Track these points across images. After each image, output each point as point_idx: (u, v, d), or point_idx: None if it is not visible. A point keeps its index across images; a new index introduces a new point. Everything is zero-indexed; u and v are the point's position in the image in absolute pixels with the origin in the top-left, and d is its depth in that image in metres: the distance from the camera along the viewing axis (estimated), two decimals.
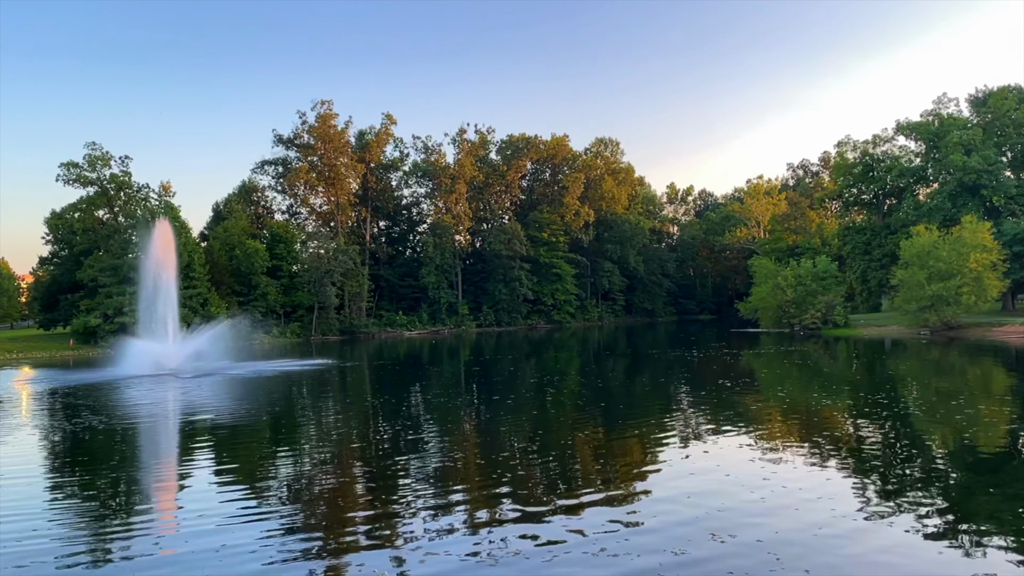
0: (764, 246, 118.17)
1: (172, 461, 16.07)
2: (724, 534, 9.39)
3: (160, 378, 35.27)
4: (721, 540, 9.18)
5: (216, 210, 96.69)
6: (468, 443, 17.18)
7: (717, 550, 8.83)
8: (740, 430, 17.34)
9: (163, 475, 14.68)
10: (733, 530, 9.54)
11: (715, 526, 9.75)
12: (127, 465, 15.67)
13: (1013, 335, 50.80)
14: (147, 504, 12.48)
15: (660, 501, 11.17)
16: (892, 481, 12.20)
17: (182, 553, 9.39)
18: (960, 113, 73.69)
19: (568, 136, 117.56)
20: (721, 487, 11.89)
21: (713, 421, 18.97)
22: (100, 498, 12.68)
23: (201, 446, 17.86)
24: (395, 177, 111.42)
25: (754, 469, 13.12)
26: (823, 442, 15.61)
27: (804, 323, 64.25)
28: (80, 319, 68.52)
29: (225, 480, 13.90)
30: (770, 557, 8.55)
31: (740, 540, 9.13)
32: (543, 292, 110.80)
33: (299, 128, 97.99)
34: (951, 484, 11.98)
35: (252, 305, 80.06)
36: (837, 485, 11.97)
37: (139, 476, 14.52)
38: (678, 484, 12.23)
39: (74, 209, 74.85)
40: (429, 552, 9.17)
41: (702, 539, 9.25)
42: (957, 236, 54.84)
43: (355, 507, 11.70)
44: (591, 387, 29.23)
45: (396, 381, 34.43)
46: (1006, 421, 17.72)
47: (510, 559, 8.78)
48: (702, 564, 8.42)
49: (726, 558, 8.54)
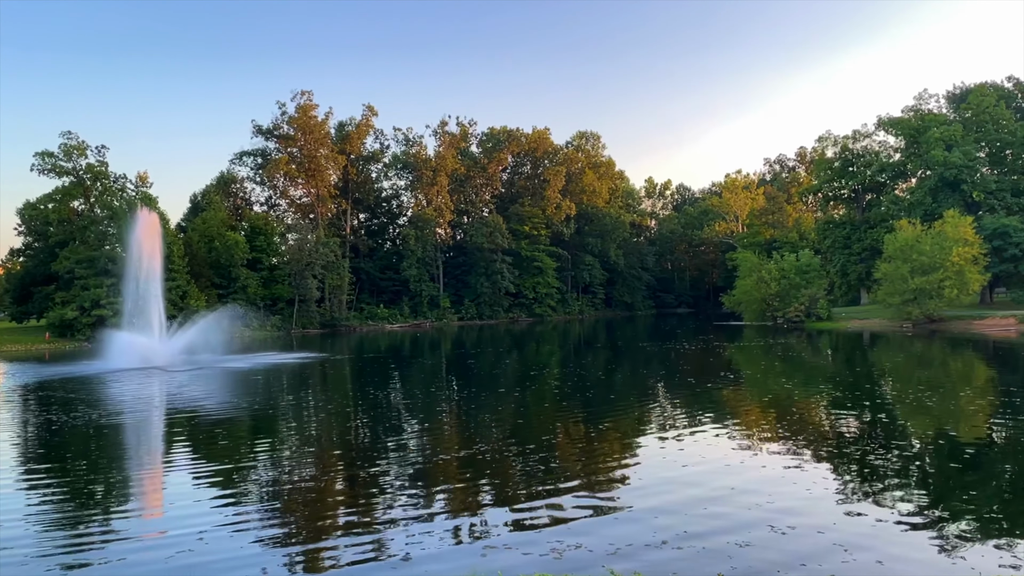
0: (742, 240, 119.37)
1: (178, 454, 15.69)
2: (702, 523, 9.42)
3: (149, 372, 34.53)
4: (699, 529, 9.20)
5: (194, 201, 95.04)
6: (455, 433, 17.02)
7: (695, 539, 8.84)
8: (724, 422, 17.53)
9: (169, 465, 14.33)
10: (711, 520, 9.57)
11: (694, 515, 9.78)
12: (128, 457, 15.31)
13: (994, 328, 51.81)
14: (136, 491, 12.45)
15: (641, 490, 11.20)
16: (872, 470, 12.32)
17: (169, 537, 9.48)
18: (940, 109, 74.90)
19: (549, 129, 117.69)
20: (702, 477, 11.96)
21: (699, 412, 19.13)
22: (94, 486, 12.37)
23: (201, 439, 17.47)
24: (375, 169, 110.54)
25: (739, 459, 13.24)
26: (808, 433, 15.79)
27: (787, 316, 64.95)
28: (56, 312, 66.99)
29: (220, 471, 13.62)
30: (745, 546, 8.59)
31: (717, 529, 9.17)
32: (524, 285, 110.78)
33: (278, 119, 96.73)
34: (930, 472, 12.15)
35: (232, 298, 78.80)
36: (818, 474, 12.14)
37: (144, 467, 14.16)
38: (659, 473, 12.32)
39: (49, 200, 73.09)
40: (410, 536, 9.19)
41: (681, 528, 9.27)
42: (939, 230, 55.72)
43: (341, 497, 11.70)
44: (591, 380, 29.16)
45: (385, 374, 34.10)
46: (985, 412, 18.02)
47: (491, 548, 8.74)
48: (680, 552, 8.44)
49: (703, 545, 8.59)
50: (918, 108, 75.32)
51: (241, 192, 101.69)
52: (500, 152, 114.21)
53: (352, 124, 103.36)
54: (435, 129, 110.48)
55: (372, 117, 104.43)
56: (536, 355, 44.64)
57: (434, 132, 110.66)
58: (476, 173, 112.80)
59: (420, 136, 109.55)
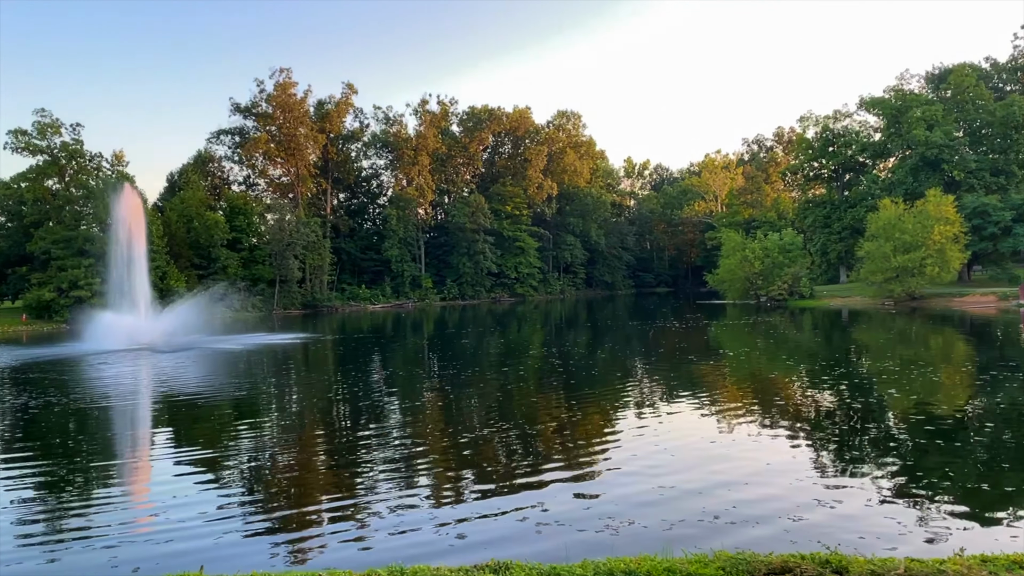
0: (721, 220, 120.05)
1: (165, 436, 15.45)
2: (683, 501, 9.39)
3: (137, 353, 34.00)
4: (680, 507, 9.16)
5: (170, 180, 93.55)
6: (452, 413, 16.98)
7: (676, 517, 8.79)
8: (707, 398, 17.70)
9: (158, 448, 14.06)
10: (691, 498, 9.54)
11: (675, 494, 9.74)
12: (121, 440, 15.06)
13: (973, 304, 52.80)
14: (125, 475, 12.21)
15: (623, 471, 11.11)
16: (851, 444, 12.45)
17: (157, 523, 9.31)
18: (921, 90, 75.64)
19: (530, 108, 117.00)
20: (685, 454, 12.01)
21: (684, 390, 19.26)
22: (87, 469, 12.15)
23: (196, 421, 17.25)
24: (355, 148, 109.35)
25: (720, 436, 13.32)
26: (791, 408, 16.01)
27: (771, 295, 65.58)
28: (33, 293, 65.66)
29: (214, 453, 13.42)
30: (726, 522, 8.60)
31: (696, 507, 9.13)
32: (506, 265, 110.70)
33: (257, 97, 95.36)
34: (908, 446, 12.28)
35: (212, 278, 77.79)
36: (799, 447, 12.30)
37: (140, 447, 13.93)
38: (642, 451, 12.27)
39: (23, 179, 71.45)
40: (393, 520, 9.06)
41: (661, 506, 9.22)
42: (922, 209, 56.45)
43: (327, 479, 11.59)
44: (586, 359, 29.24)
45: (374, 354, 33.94)
46: (964, 387, 18.37)
47: (473, 530, 8.65)
48: (660, 530, 8.36)
49: (686, 525, 8.53)
50: (899, 88, 75.95)
51: (219, 171, 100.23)
52: (481, 131, 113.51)
53: (331, 102, 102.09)
54: (416, 108, 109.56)
55: (352, 95, 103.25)
56: (540, 334, 44.65)
57: (415, 111, 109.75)
58: (457, 152, 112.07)
59: (400, 115, 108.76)
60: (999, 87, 79.26)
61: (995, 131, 69.14)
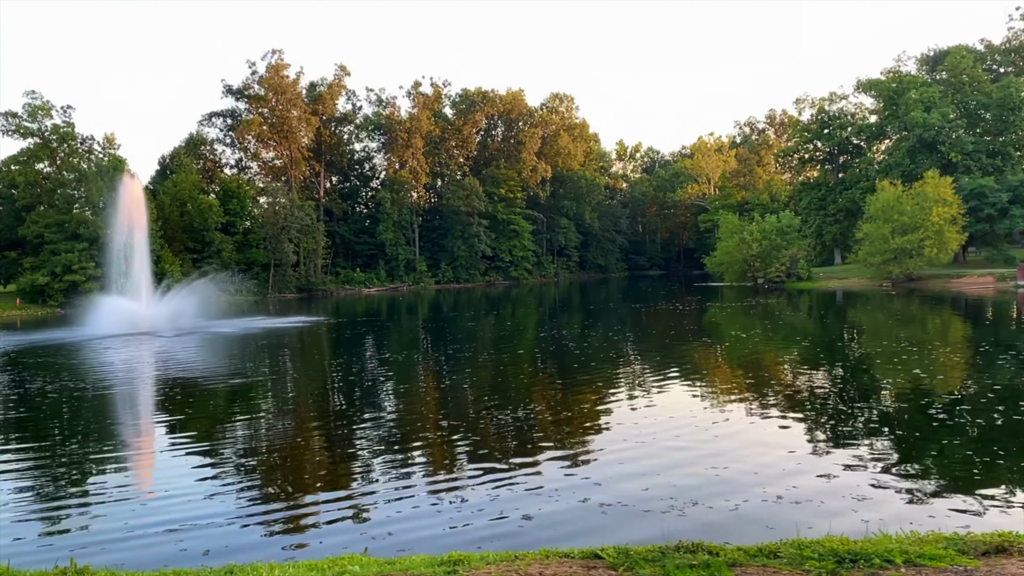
0: (714, 202, 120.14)
1: (172, 419, 15.37)
2: (678, 481, 9.42)
3: (140, 337, 33.70)
4: (673, 487, 9.18)
5: (162, 163, 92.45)
6: (439, 395, 16.98)
7: (669, 497, 8.82)
8: (702, 379, 17.96)
9: (164, 431, 13.98)
10: (685, 478, 9.56)
11: (671, 475, 9.75)
12: (136, 422, 14.97)
13: (970, 285, 53.19)
14: (130, 455, 12.35)
15: (617, 451, 11.15)
16: (846, 423, 12.57)
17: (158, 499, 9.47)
18: (919, 72, 75.73)
19: (524, 91, 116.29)
20: (680, 433, 12.13)
21: (680, 371, 19.44)
22: (89, 450, 12.06)
23: (205, 404, 17.16)
24: (348, 131, 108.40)
25: (716, 416, 13.44)
26: (791, 388, 16.22)
27: (769, 277, 65.81)
28: (27, 277, 65.01)
29: (219, 436, 13.51)
30: (722, 500, 8.66)
31: (691, 486, 9.18)
32: (501, 249, 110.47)
33: (249, 79, 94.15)
34: (903, 424, 12.40)
35: (206, 263, 77.21)
36: (795, 426, 12.50)
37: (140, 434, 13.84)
38: (638, 433, 12.30)
39: (14, 162, 70.36)
40: (389, 502, 9.10)
41: (656, 487, 9.23)
42: (920, 191, 56.66)
43: (324, 460, 11.66)
44: (589, 342, 29.25)
45: (379, 337, 33.85)
46: (960, 367, 18.51)
47: (468, 511, 8.67)
48: (654, 512, 8.38)
49: (680, 504, 8.55)
50: (896, 70, 75.99)
51: (211, 154, 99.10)
52: (475, 113, 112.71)
53: (324, 84, 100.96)
54: (409, 90, 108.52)
55: (344, 77, 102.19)
56: (537, 317, 44.61)
57: (408, 93, 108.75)
58: (451, 135, 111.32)
59: (393, 97, 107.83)
60: (994, 69, 79.46)
61: (992, 113, 69.36)
